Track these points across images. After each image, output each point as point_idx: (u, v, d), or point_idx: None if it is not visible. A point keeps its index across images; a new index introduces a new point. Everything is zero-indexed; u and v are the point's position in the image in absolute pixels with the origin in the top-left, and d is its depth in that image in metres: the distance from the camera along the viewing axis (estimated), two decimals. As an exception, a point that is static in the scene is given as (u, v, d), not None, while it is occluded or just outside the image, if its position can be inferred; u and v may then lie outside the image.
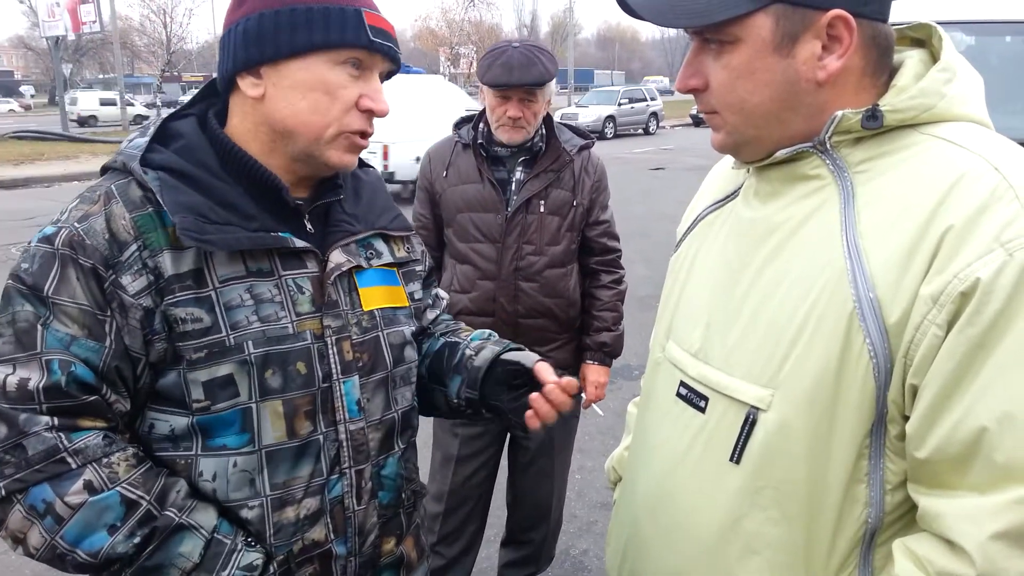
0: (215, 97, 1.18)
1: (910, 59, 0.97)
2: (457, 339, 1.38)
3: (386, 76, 1.16)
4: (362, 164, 1.32)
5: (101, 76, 60.88)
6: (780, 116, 0.94)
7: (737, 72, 0.93)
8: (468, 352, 1.32)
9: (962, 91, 0.93)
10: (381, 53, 1.10)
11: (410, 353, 1.27)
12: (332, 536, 1.15)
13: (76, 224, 1.02)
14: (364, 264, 1.21)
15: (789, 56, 0.91)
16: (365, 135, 1.14)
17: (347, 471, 1.15)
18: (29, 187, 13.93)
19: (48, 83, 55.64)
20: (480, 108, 2.40)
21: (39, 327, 0.98)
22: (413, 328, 1.28)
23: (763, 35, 0.90)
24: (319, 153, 1.11)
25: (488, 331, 1.42)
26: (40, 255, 1.01)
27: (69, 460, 0.97)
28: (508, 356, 1.28)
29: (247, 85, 1.09)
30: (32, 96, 60.48)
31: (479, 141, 2.35)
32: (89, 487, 0.97)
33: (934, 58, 0.97)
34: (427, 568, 1.37)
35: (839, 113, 0.91)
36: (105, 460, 0.99)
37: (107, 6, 23.07)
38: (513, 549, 2.74)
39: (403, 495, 1.27)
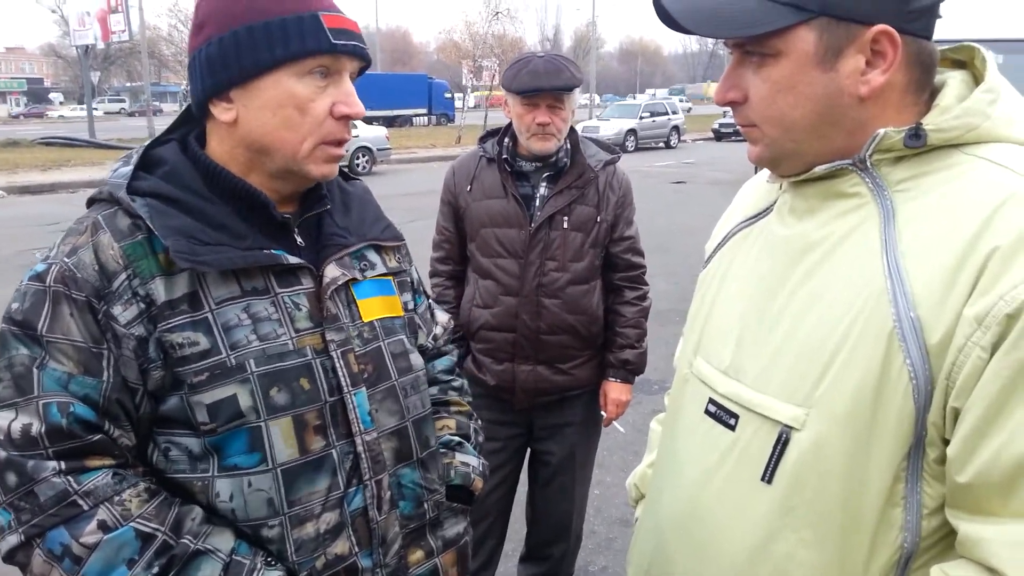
0: (194, 122, 1.18)
1: (952, 79, 0.95)
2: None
3: (357, 73, 1.15)
4: (347, 177, 1.31)
5: (128, 84, 61.76)
6: (820, 131, 0.93)
7: (778, 85, 0.92)
8: None
9: (1007, 112, 0.91)
10: (346, 54, 1.08)
11: (416, 360, 1.26)
12: (356, 549, 1.14)
13: (66, 259, 1.01)
14: (359, 276, 1.20)
15: (832, 70, 0.90)
16: (341, 143, 1.13)
17: (368, 482, 1.15)
18: (55, 192, 14.13)
19: (76, 90, 56.55)
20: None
21: (34, 370, 0.98)
22: (408, 337, 1.28)
23: (806, 48, 0.89)
24: (299, 168, 1.11)
25: (459, 438, 1.38)
26: (31, 293, 1.00)
27: (80, 502, 0.97)
28: None
29: (219, 111, 1.09)
30: (60, 103, 61.48)
31: (504, 156, 2.35)
32: (103, 526, 0.97)
33: (976, 80, 0.96)
34: None
35: (881, 131, 0.90)
36: (117, 498, 0.99)
37: (136, 16, 23.41)
38: (532, 565, 2.72)
39: (425, 505, 1.26)
